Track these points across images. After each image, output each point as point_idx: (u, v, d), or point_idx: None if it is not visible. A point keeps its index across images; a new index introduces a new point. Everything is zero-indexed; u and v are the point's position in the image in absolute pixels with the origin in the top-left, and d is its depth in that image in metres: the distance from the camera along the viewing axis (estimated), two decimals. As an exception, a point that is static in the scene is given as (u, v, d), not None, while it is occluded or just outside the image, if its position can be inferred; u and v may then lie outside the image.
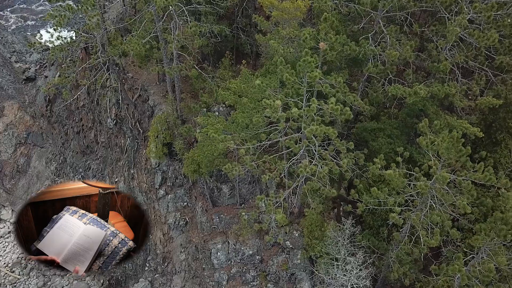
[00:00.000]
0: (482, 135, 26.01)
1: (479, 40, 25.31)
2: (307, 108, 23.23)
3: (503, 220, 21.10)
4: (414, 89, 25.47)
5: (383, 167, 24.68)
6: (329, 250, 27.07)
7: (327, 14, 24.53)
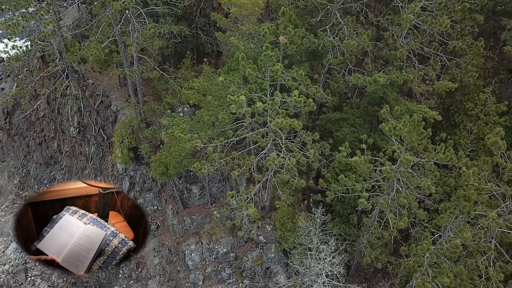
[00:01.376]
0: (441, 118, 26.88)
1: (432, 27, 26.16)
2: (271, 102, 23.51)
3: (465, 197, 21.88)
4: (374, 78, 26.09)
5: (348, 155, 25.20)
6: (302, 241, 27.45)
7: (284, 8, 24.87)
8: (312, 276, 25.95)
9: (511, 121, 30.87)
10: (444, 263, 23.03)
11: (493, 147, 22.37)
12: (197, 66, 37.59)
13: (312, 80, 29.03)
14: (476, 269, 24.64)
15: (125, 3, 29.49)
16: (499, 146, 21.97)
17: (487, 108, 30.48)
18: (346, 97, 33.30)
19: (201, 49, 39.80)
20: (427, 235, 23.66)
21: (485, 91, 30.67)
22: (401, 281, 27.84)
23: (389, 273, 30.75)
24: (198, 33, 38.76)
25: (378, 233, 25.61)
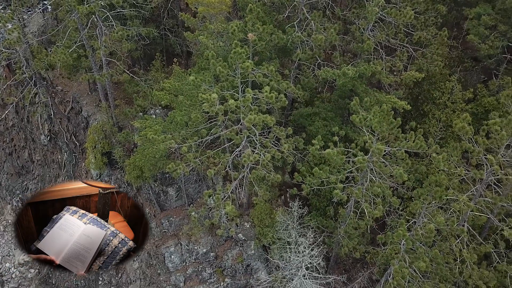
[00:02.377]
0: (410, 108, 27.48)
1: (397, 18, 26.75)
2: (243, 99, 23.66)
3: (436, 182, 22.45)
4: (343, 71, 26.49)
5: (322, 148, 25.52)
6: (281, 235, 27.69)
7: (251, 6, 25.04)
8: (292, 269, 26.21)
9: (477, 108, 31.76)
10: (420, 249, 23.58)
11: (460, 133, 23.04)
12: (167, 68, 37.47)
13: (283, 76, 29.32)
14: (450, 253, 25.32)
15: (91, 7, 29.23)
16: (466, 131, 22.66)
17: (454, 96, 31.29)
18: (317, 92, 33.69)
19: (170, 50, 39.69)
20: (402, 222, 24.18)
21: (451, 80, 31.48)
22: (380, 269, 28.34)
23: (367, 263, 31.28)
24: (166, 34, 38.62)
25: (354, 223, 26.01)
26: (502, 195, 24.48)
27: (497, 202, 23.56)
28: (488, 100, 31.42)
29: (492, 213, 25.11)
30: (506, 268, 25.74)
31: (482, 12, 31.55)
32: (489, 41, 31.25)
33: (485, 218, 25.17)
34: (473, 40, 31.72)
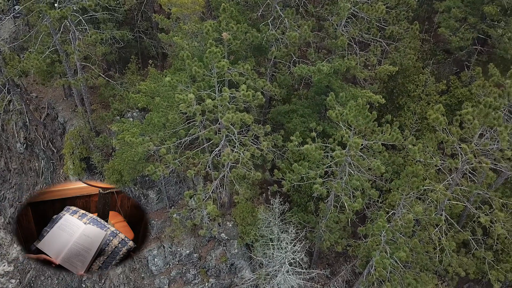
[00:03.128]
0: (385, 102, 27.84)
1: (369, 13, 27.10)
2: (220, 98, 23.72)
3: (413, 173, 22.82)
4: (318, 67, 26.73)
5: (300, 144, 25.73)
6: (263, 233, 27.82)
7: (225, 5, 25.10)
8: (275, 266, 26.36)
9: (451, 99, 32.42)
10: (400, 239, 23.97)
11: (434, 123, 23.46)
12: (143, 70, 37.31)
13: (259, 74, 29.47)
14: (430, 242, 25.81)
15: (62, 11, 28.94)
16: (440, 122, 23.08)
17: (428, 88, 31.86)
18: (294, 89, 33.95)
19: (146, 52, 39.52)
20: (381, 213, 24.54)
21: (425, 72, 32.07)
22: (362, 262, 28.71)
23: (350, 256, 31.65)
24: (141, 36, 38.47)
25: (335, 217, 26.28)
26: (477, 183, 25.04)
27: (473, 190, 24.07)
28: (461, 91, 32.10)
29: (469, 201, 25.66)
30: (484, 254, 26.36)
31: (452, 5, 32.25)
32: (460, 33, 31.95)
33: (461, 206, 25.73)
34: (444, 33, 32.40)
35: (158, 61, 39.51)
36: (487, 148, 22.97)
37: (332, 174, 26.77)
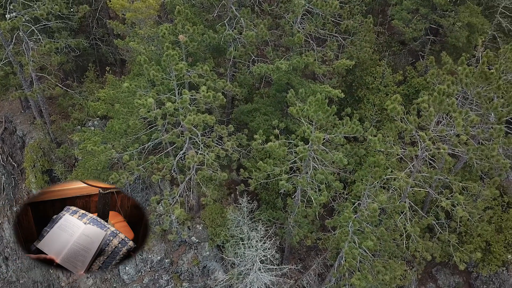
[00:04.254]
0: (344, 95, 28.27)
1: (323, 9, 27.47)
2: (181, 100, 23.63)
3: (375, 163, 23.32)
4: (276, 65, 26.94)
5: (264, 142, 25.91)
6: (233, 232, 27.87)
7: (179, 7, 25.02)
8: (247, 265, 26.45)
9: (408, 89, 33.25)
10: (367, 228, 24.41)
11: (393, 113, 24.01)
12: (101, 78, 36.79)
13: (219, 75, 29.49)
14: (396, 229, 26.39)
15: (13, 22, 28.26)
16: (398, 111, 23.64)
17: (385, 80, 32.56)
18: (255, 88, 34.14)
19: (103, 60, 38.96)
20: (347, 205, 24.97)
21: (381, 64, 32.76)
22: (332, 254, 29.11)
23: (321, 249, 32.04)
24: (98, 44, 37.89)
25: (303, 211, 26.58)
26: (437, 169, 25.78)
27: (433, 176, 24.75)
28: (417, 80, 32.98)
29: (431, 187, 26.38)
30: (448, 237, 27.16)
31: (403, -3, 33.06)
32: (413, 24, 32.79)
33: (424, 192, 26.43)
34: (398, 25, 33.18)
35: (117, 68, 39.02)
36: (444, 134, 23.65)
37: (298, 169, 27.06)
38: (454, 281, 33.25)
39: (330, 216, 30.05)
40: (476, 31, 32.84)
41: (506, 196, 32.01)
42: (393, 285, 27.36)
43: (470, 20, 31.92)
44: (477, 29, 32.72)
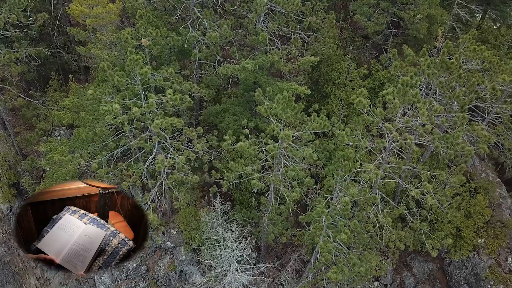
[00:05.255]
0: (310, 92, 28.47)
1: (285, 7, 27.61)
2: (147, 105, 23.40)
3: (344, 156, 23.55)
4: (242, 65, 26.95)
5: (234, 142, 25.88)
6: (208, 235, 27.75)
7: (140, 11, 24.78)
8: (224, 266, 26.38)
9: (374, 82, 33.75)
10: (340, 222, 24.66)
11: (359, 107, 24.33)
12: (65, 86, 36.08)
13: (186, 77, 29.33)
14: (369, 221, 26.76)
15: (-32, 33, 27.48)
16: (364, 105, 23.98)
17: (351, 75, 32.99)
18: (223, 88, 34.07)
19: (67, 67, 38.22)
20: (319, 200, 25.18)
21: (346, 59, 33.16)
22: (308, 249, 29.34)
23: (297, 245, 32.24)
24: (60, 52, 37.14)
25: (277, 209, 26.68)
26: (406, 159, 26.27)
27: (402, 166, 25.19)
28: (381, 73, 33.50)
29: (400, 177, 26.86)
30: (420, 225, 27.69)
31: (363, -8, 33.54)
32: (374, 18, 33.28)
33: (394, 183, 26.84)
34: (360, 20, 33.61)
35: (81, 75, 38.34)
36: (410, 125, 24.09)
37: (269, 167, 27.14)
38: (428, 268, 33.95)
39: (303, 212, 30.23)
40: (435, 23, 33.59)
41: (473, 182, 32.86)
42: (369, 276, 27.79)
43: (430, 12, 32.61)
44: (436, 20, 33.48)
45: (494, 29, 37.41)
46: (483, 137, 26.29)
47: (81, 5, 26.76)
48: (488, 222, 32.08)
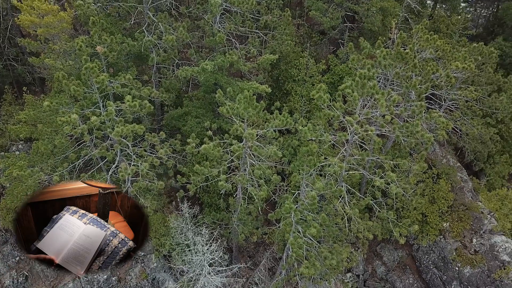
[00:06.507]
0: (271, 90, 28.62)
1: (241, 7, 27.62)
2: (106, 113, 22.96)
3: (308, 151, 23.75)
4: (201, 67, 26.80)
5: (198, 145, 25.71)
6: (178, 240, 27.47)
7: (93, 18, 24.28)
8: (196, 270, 26.18)
9: (333, 77, 34.18)
10: (309, 216, 24.84)
11: (319, 102, 24.57)
12: (21, 99, 34.99)
13: (144, 82, 28.94)
14: (337, 213, 27.07)
15: None
16: (324, 100, 24.23)
17: (310, 71, 33.30)
18: (184, 92, 33.80)
19: (21, 80, 37.08)
20: (287, 196, 25.31)
21: (304, 56, 33.45)
22: (279, 246, 29.43)
23: (268, 244, 32.31)
24: (12, 64, 36.01)
25: (245, 209, 26.66)
26: (368, 150, 26.69)
27: (365, 157, 25.57)
28: (340, 68, 33.97)
29: (364, 168, 27.26)
30: (386, 214, 28.18)
31: (316, -12, 33.92)
32: (329, 13, 33.74)
33: (358, 175, 27.30)
34: (315, 15, 34.01)
35: (37, 87, 37.29)
36: (370, 116, 24.51)
37: (236, 168, 27.10)
38: (398, 255, 34.64)
39: (273, 210, 30.34)
40: (389, 15, 34.32)
41: (435, 168, 33.71)
42: (341, 268, 28.08)
43: (383, 5, 33.30)
44: (390, 12, 34.20)
45: (445, 18, 38.50)
46: (441, 124, 27.01)
47: (31, 15, 26.02)
48: (451, 206, 32.98)
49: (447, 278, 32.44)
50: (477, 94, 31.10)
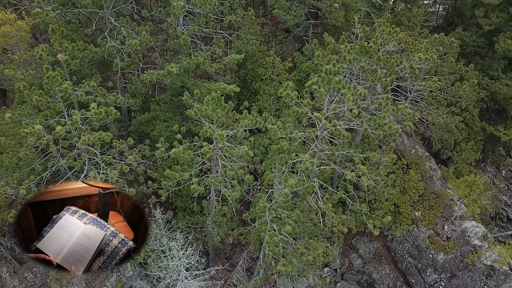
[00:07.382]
0: (239, 90, 28.56)
1: (203, 8, 27.45)
2: (71, 122, 22.45)
3: (279, 149, 23.79)
4: (167, 70, 26.52)
5: (168, 149, 25.42)
6: (153, 247, 27.12)
7: (53, 26, 23.71)
8: (173, 276, 25.89)
9: (300, 74, 34.35)
10: (283, 214, 24.89)
11: (287, 100, 24.64)
12: (-19, 112, 33.93)
13: (110, 89, 28.47)
14: (310, 209, 27.23)
15: None
16: (291, 97, 24.31)
17: (277, 69, 33.39)
18: (150, 96, 33.41)
19: (-20, 93, 36.00)
20: (261, 195, 25.29)
21: (270, 54, 33.51)
22: (256, 246, 29.40)
23: (245, 244, 32.23)
24: (-30, 77, 34.88)
25: (219, 211, 26.52)
26: (338, 145, 26.92)
27: (335, 152, 25.80)
28: (306, 65, 34.16)
29: (335, 163, 27.50)
30: (359, 207, 28.47)
31: (278, -14, 34.00)
32: (292, 11, 33.86)
33: (330, 169, 27.49)
34: (279, 14, 34.09)
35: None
36: (338, 111, 24.69)
37: (208, 170, 26.91)
38: (373, 247, 35.09)
39: (247, 210, 30.29)
40: (351, 10, 34.70)
41: (404, 158, 34.30)
42: (318, 263, 28.29)
43: (345, 0, 33.63)
44: (352, 7, 34.58)
45: (406, 11, 39.18)
46: (408, 115, 27.48)
47: (-13, 25, 25.28)
48: (422, 195, 33.61)
49: (422, 266, 33.04)
50: (440, 84, 31.75)
